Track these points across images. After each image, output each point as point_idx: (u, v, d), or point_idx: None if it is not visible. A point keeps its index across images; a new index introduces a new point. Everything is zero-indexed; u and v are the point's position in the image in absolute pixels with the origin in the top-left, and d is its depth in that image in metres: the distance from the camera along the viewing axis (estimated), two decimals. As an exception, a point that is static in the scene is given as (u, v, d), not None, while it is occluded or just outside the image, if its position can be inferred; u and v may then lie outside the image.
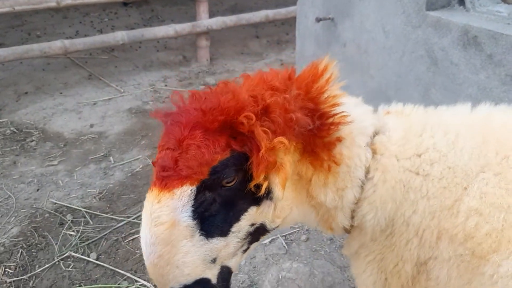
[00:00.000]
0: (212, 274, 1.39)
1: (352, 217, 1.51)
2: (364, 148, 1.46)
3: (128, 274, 3.15)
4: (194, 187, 1.27)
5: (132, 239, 3.47)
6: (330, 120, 1.38)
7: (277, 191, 1.34)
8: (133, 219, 3.65)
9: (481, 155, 1.33)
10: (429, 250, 1.36)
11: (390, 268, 1.48)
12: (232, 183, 1.31)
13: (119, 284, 3.08)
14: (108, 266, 3.22)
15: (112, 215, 3.71)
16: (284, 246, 3.39)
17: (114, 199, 3.92)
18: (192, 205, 1.29)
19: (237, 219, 1.38)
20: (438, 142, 1.41)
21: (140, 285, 3.06)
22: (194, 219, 1.30)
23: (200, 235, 1.32)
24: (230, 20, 6.75)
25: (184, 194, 1.27)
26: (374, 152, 1.47)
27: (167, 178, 1.27)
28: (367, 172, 1.46)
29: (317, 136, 1.37)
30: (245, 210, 1.38)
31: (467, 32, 2.69)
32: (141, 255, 3.28)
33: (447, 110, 1.54)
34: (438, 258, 1.34)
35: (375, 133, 1.51)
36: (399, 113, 1.59)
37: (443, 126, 1.45)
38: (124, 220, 3.64)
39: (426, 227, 1.37)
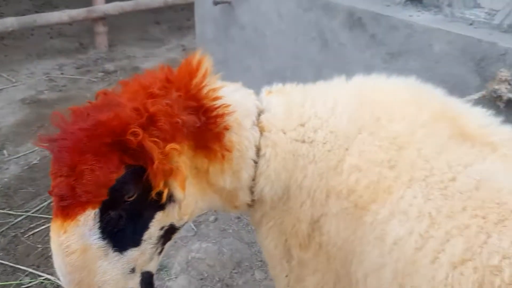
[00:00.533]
0: (134, 283, 1.42)
1: (252, 193, 1.59)
2: (251, 129, 1.53)
3: (30, 270, 3.01)
4: (96, 210, 1.27)
5: (32, 234, 3.31)
6: (215, 113, 1.42)
7: (178, 193, 1.37)
8: (32, 213, 3.49)
9: (358, 118, 1.47)
10: (320, 208, 1.48)
11: (288, 229, 1.58)
12: (134, 196, 1.32)
13: (20, 280, 2.94)
14: (7, 263, 3.06)
15: (9, 210, 3.51)
16: (192, 228, 3.44)
17: (10, 194, 3.70)
18: (99, 227, 1.29)
19: (146, 227, 1.40)
20: (319, 110, 1.54)
21: (43, 279, 2.95)
22: (104, 239, 1.31)
23: (113, 252, 1.34)
24: (127, 5, 6.57)
25: (88, 218, 1.27)
26: (262, 130, 1.55)
27: (68, 207, 1.26)
28: (258, 150, 1.54)
29: (206, 131, 1.41)
30: (152, 217, 1.40)
31: (353, 14, 2.91)
32: (43, 249, 3.15)
33: (325, 83, 1.67)
34: (328, 214, 1.47)
35: (260, 113, 1.59)
36: (280, 91, 1.69)
37: (322, 96, 1.58)
38: (23, 215, 3.46)
39: (316, 187, 1.48)
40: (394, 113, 1.43)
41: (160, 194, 1.33)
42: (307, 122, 1.52)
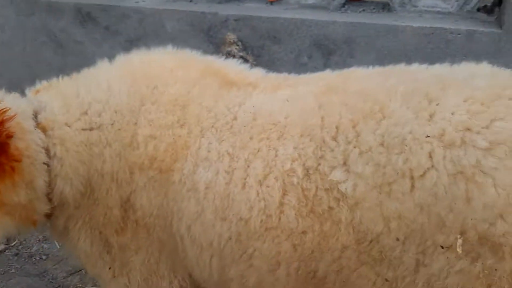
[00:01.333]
0: None
1: (50, 200, 1.52)
2: (35, 131, 1.46)
3: None
4: None
5: None
6: None
7: None
8: None
9: (137, 92, 1.55)
10: (127, 187, 1.52)
11: (100, 221, 1.57)
12: None
13: None
14: None
15: None
16: (-35, 285, 2.96)
17: None
18: None
19: None
20: (97, 95, 1.56)
21: None
22: None
23: None
24: None
25: None
26: (44, 130, 1.49)
27: None
28: (48, 151, 1.48)
29: None
30: None
31: (80, 10, 2.89)
32: None
33: (90, 69, 1.69)
34: (136, 190, 1.52)
35: (36, 114, 1.52)
36: (47, 87, 1.65)
37: (93, 81, 1.60)
38: None
39: (118, 169, 1.52)
40: (167, 80, 1.57)
41: None
42: (89, 109, 1.53)
